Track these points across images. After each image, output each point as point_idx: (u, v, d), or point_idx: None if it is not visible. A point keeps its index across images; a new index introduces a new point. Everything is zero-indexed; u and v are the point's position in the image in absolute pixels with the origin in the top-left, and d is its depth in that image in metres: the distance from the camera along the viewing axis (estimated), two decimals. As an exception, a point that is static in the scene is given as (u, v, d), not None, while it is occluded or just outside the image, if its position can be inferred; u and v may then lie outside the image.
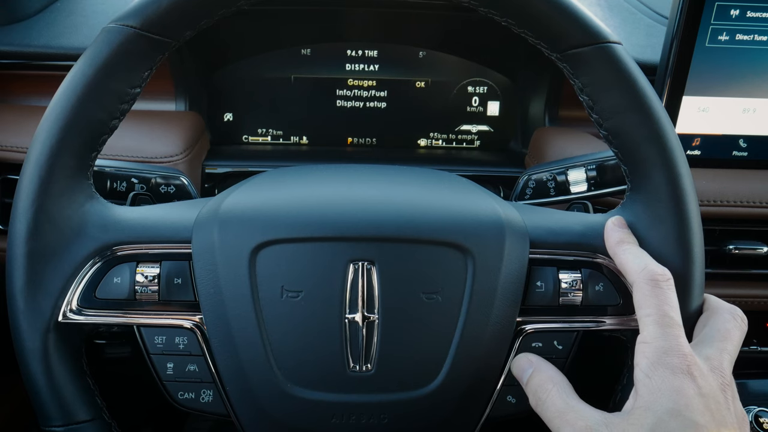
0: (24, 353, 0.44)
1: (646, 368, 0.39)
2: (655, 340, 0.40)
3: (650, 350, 0.40)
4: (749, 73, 0.73)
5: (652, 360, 0.39)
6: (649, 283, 0.42)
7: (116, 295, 0.46)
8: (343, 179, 0.53)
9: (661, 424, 0.36)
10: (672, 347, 0.39)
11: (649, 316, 0.41)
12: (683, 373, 0.38)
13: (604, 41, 0.44)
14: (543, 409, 0.43)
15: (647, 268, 0.43)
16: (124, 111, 0.46)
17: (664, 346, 0.39)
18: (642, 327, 0.41)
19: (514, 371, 0.46)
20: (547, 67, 0.88)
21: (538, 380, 0.44)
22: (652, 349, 0.39)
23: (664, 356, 0.39)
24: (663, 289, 0.42)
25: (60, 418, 0.45)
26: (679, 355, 0.39)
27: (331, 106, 0.95)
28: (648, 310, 0.41)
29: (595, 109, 0.46)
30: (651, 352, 0.39)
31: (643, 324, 0.41)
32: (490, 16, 0.47)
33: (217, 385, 0.47)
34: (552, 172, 0.69)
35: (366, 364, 0.45)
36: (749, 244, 0.75)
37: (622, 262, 0.45)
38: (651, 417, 0.37)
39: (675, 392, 0.37)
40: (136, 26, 0.43)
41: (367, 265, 0.45)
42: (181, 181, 0.66)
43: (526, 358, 0.46)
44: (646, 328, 0.41)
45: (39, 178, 0.43)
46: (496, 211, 0.48)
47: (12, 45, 0.82)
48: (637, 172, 0.47)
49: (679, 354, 0.39)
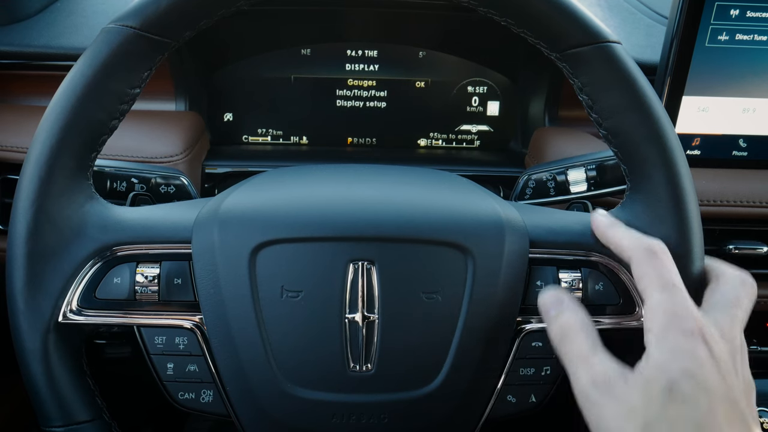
0: (24, 353, 0.44)
1: (658, 332, 0.39)
2: (663, 305, 0.40)
3: (660, 315, 0.39)
4: (749, 73, 0.73)
5: (663, 324, 0.39)
6: (647, 254, 0.42)
7: (116, 295, 0.46)
8: (342, 179, 0.53)
9: (675, 384, 0.36)
10: (682, 311, 0.39)
11: (653, 283, 0.41)
12: (695, 336, 0.38)
13: (604, 41, 0.44)
14: (566, 348, 0.42)
15: (642, 241, 0.43)
16: (124, 111, 0.46)
17: (674, 310, 0.39)
18: (647, 296, 0.41)
19: (541, 304, 0.45)
20: (547, 67, 0.88)
21: (568, 318, 0.43)
22: (662, 313, 0.39)
23: (675, 320, 0.39)
24: (662, 259, 0.42)
25: (60, 418, 0.45)
26: (690, 318, 0.39)
27: (331, 106, 0.95)
28: (651, 279, 0.41)
29: (595, 109, 0.46)
30: (661, 316, 0.39)
31: (648, 292, 0.41)
32: (489, 16, 0.47)
33: (217, 385, 0.47)
34: (552, 172, 0.69)
35: (366, 364, 0.45)
36: (749, 244, 0.75)
37: (616, 241, 0.45)
38: (665, 377, 0.37)
39: (688, 354, 0.37)
40: (135, 27, 0.43)
41: (367, 265, 0.45)
42: (181, 181, 0.66)
43: (557, 295, 0.44)
44: (652, 296, 0.40)
45: (39, 179, 0.43)
46: (496, 210, 0.48)
47: (12, 45, 0.82)
48: (637, 171, 0.47)
49: (690, 317, 0.39)
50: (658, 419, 0.36)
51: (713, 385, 0.36)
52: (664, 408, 0.36)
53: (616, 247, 0.46)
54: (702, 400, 0.36)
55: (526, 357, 0.48)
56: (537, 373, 0.48)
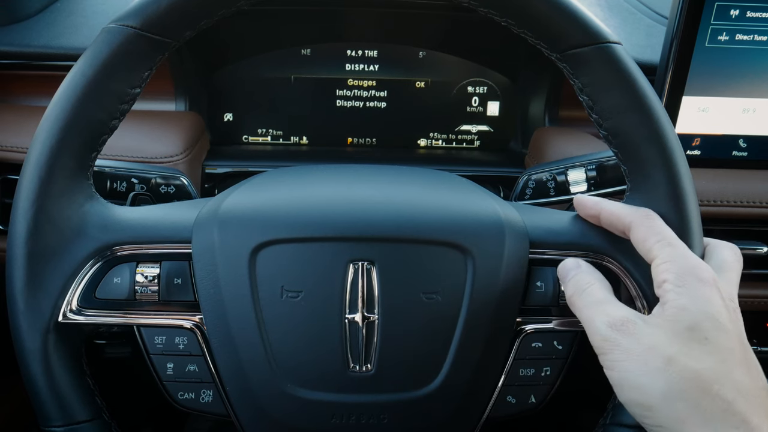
0: (24, 353, 0.44)
1: (675, 280, 0.40)
2: (677, 258, 0.41)
3: (674, 266, 0.41)
4: (749, 73, 0.73)
5: (679, 273, 0.40)
6: (647, 218, 0.44)
7: (116, 295, 0.46)
8: (343, 179, 0.53)
9: (697, 324, 0.38)
10: (695, 262, 0.41)
11: (660, 241, 0.42)
12: (710, 284, 0.40)
13: (604, 41, 0.44)
14: (580, 298, 0.44)
15: (638, 209, 0.45)
16: (124, 111, 0.46)
17: (688, 262, 0.41)
18: (657, 252, 0.42)
19: (560, 268, 0.47)
20: (547, 67, 0.88)
21: (584, 276, 0.45)
22: (677, 265, 0.41)
23: (691, 269, 0.41)
24: (659, 221, 0.44)
25: (60, 418, 0.45)
26: (705, 268, 0.41)
27: (331, 106, 0.95)
28: (657, 237, 0.43)
29: (595, 109, 0.46)
30: (676, 267, 0.41)
31: (658, 248, 0.42)
32: (490, 17, 0.47)
33: (216, 385, 0.47)
34: (552, 172, 0.69)
35: (366, 364, 0.45)
36: (749, 244, 0.75)
37: (612, 211, 0.46)
38: (688, 316, 0.39)
39: (706, 299, 0.39)
40: (136, 26, 0.43)
41: (366, 265, 0.45)
42: (181, 181, 0.66)
43: (576, 261, 0.46)
44: (663, 249, 0.42)
45: (39, 179, 0.43)
46: (496, 211, 0.48)
47: (12, 45, 0.82)
48: (637, 172, 0.47)
49: (704, 268, 0.41)
50: (680, 353, 0.38)
51: (729, 327, 0.39)
52: (687, 345, 0.38)
53: (612, 216, 0.46)
54: (721, 339, 0.38)
55: (526, 358, 0.48)
56: (537, 373, 0.48)
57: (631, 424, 0.47)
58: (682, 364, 0.37)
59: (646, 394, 0.38)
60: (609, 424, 0.48)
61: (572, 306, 0.44)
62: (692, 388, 0.37)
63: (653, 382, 0.38)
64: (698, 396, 0.37)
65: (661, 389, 0.38)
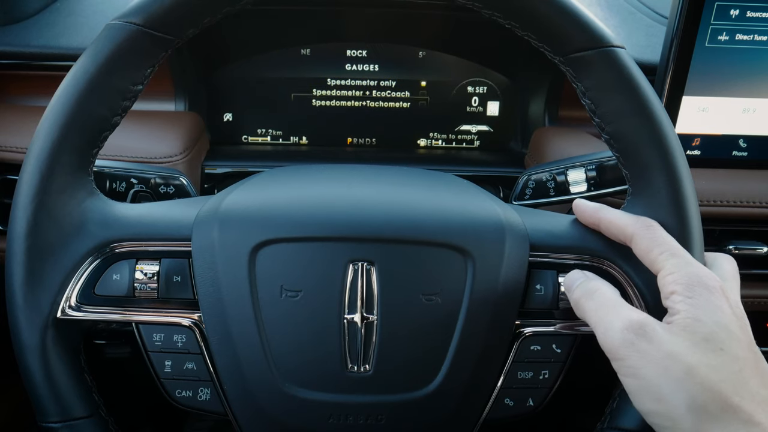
0: (22, 349, 0.44)
1: (683, 290, 0.40)
2: (683, 267, 0.41)
3: (682, 277, 0.41)
4: (749, 73, 0.73)
5: (687, 283, 0.40)
6: (649, 229, 0.44)
7: (115, 292, 0.46)
8: (342, 179, 0.53)
9: (713, 333, 0.38)
10: (701, 271, 0.41)
11: (665, 252, 0.42)
12: (718, 293, 0.40)
13: (608, 45, 0.44)
14: (591, 300, 0.43)
15: (638, 218, 0.45)
16: (126, 108, 0.46)
17: (694, 272, 0.41)
18: (662, 262, 0.42)
19: (566, 281, 0.46)
20: (547, 67, 0.88)
21: (590, 282, 0.44)
22: (684, 275, 0.41)
23: (699, 278, 0.40)
24: (662, 231, 0.44)
25: (57, 414, 0.45)
26: (711, 277, 0.41)
27: (330, 106, 0.95)
28: (660, 248, 0.42)
29: (598, 113, 0.46)
30: (684, 278, 0.40)
31: (663, 259, 0.42)
32: (493, 19, 0.47)
33: (214, 383, 0.47)
34: (552, 172, 0.68)
35: (364, 365, 0.45)
36: (749, 244, 0.75)
37: (612, 219, 0.46)
38: (703, 327, 0.38)
39: (717, 308, 0.39)
40: (139, 23, 0.43)
41: (366, 266, 0.45)
42: (180, 181, 0.66)
43: (583, 272, 0.46)
44: (667, 262, 0.42)
45: (40, 174, 0.43)
46: (497, 213, 0.48)
47: (11, 45, 0.82)
48: (639, 177, 0.47)
49: (710, 276, 0.41)
50: (700, 363, 0.37)
51: (740, 336, 0.39)
52: (706, 355, 0.38)
53: (612, 226, 0.46)
54: (735, 348, 0.38)
55: (525, 360, 0.48)
56: (535, 376, 0.48)
57: (629, 428, 0.47)
58: (703, 374, 0.37)
59: (669, 405, 0.37)
60: (607, 428, 0.48)
61: (580, 309, 0.44)
62: (714, 401, 0.36)
63: (675, 393, 0.37)
64: (720, 409, 0.36)
65: (684, 401, 0.37)
